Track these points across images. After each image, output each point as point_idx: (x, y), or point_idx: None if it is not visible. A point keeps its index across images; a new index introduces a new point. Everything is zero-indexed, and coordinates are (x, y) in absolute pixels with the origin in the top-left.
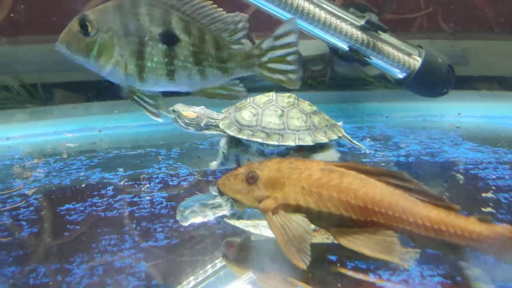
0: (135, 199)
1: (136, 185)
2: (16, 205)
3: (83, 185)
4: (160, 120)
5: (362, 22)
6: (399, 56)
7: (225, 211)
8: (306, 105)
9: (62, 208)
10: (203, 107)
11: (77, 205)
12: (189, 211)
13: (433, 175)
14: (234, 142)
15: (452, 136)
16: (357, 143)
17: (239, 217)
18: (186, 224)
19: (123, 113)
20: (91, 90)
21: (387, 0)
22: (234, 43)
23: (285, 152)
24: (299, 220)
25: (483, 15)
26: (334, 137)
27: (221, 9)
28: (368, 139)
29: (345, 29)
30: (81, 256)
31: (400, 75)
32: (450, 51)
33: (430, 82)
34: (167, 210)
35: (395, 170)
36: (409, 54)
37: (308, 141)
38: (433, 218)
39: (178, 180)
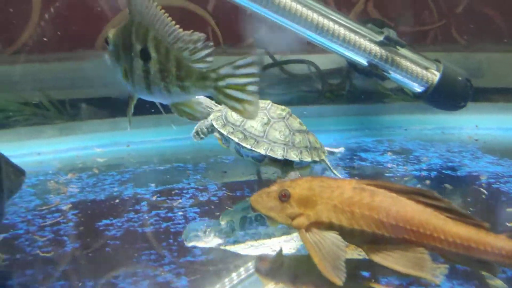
0: (169, 214)
1: (168, 200)
2: (56, 220)
3: (117, 201)
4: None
5: (380, 37)
6: (417, 70)
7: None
8: (296, 123)
9: (100, 223)
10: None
11: (114, 221)
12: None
13: (456, 189)
14: (220, 135)
15: (471, 149)
16: (336, 172)
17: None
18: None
19: (149, 128)
20: (117, 105)
21: (404, 15)
22: (197, 62)
23: (261, 159)
24: (332, 238)
25: (496, 27)
26: (307, 159)
27: (181, 29)
28: (389, 153)
29: (364, 45)
30: (125, 271)
31: (418, 89)
32: (464, 63)
33: (448, 95)
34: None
35: (417, 185)
36: (427, 68)
37: (278, 154)
38: (463, 235)
39: (208, 196)
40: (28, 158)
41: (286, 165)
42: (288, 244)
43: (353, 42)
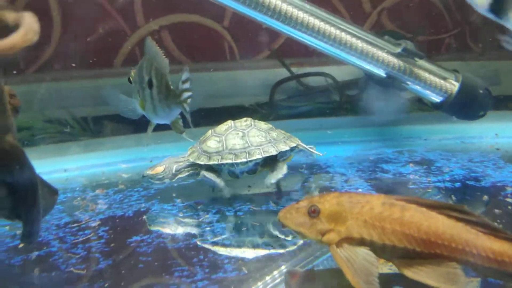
0: (197, 230)
1: (195, 216)
2: (87, 237)
3: (145, 217)
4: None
5: (398, 49)
6: (436, 81)
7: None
8: (263, 124)
9: (131, 240)
10: (169, 156)
11: (144, 237)
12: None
13: (482, 201)
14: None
15: (493, 159)
16: (312, 150)
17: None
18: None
19: (170, 143)
20: (139, 122)
21: (420, 26)
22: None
23: (254, 168)
24: (364, 253)
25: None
26: (293, 145)
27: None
28: (411, 164)
29: (382, 57)
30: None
31: (437, 99)
32: (481, 72)
33: (468, 105)
34: (229, 241)
35: (438, 196)
36: (445, 79)
37: (272, 151)
38: (496, 250)
39: (234, 210)
40: (54, 174)
41: (275, 162)
42: (318, 259)
43: (371, 54)
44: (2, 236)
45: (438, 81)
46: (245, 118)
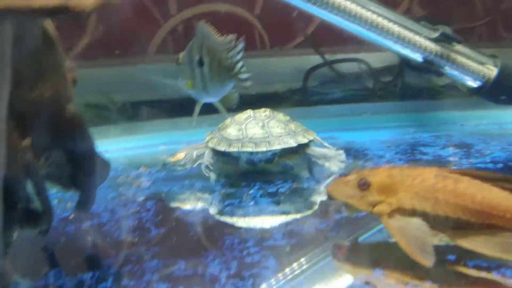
0: (242, 203)
1: (239, 192)
2: (136, 209)
3: (190, 192)
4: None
5: (435, 34)
6: (473, 66)
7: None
8: (281, 116)
9: (179, 212)
10: (184, 145)
11: (191, 209)
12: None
13: None
14: (223, 160)
15: None
16: (327, 145)
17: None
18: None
19: (205, 128)
20: (175, 106)
21: (449, 12)
22: (229, 59)
23: (272, 158)
24: (416, 223)
25: None
26: (311, 138)
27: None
28: (451, 148)
29: (419, 42)
30: (213, 253)
31: (475, 85)
32: None
33: (507, 90)
34: (276, 213)
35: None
36: (483, 64)
37: (291, 143)
38: None
39: (276, 187)
40: None
41: (295, 152)
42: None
43: (408, 39)
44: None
45: (475, 66)
46: (264, 109)
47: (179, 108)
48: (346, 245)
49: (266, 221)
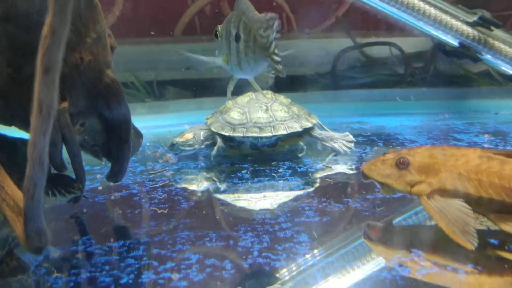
0: (272, 182)
1: (267, 170)
2: (165, 183)
3: (219, 168)
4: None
5: (473, 17)
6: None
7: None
8: (283, 98)
9: (207, 186)
10: (187, 127)
11: (219, 185)
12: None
13: None
14: (227, 144)
15: None
16: (326, 128)
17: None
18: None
19: None
20: (199, 87)
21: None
22: (264, 37)
23: (275, 142)
24: (458, 204)
25: None
26: (314, 121)
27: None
28: (486, 135)
29: (456, 25)
30: (244, 226)
31: None
32: None
33: None
34: (310, 192)
35: None
36: None
37: (296, 127)
38: None
39: (306, 168)
40: None
41: (299, 136)
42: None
43: (444, 22)
44: None
45: None
46: (265, 91)
47: (202, 88)
48: (379, 225)
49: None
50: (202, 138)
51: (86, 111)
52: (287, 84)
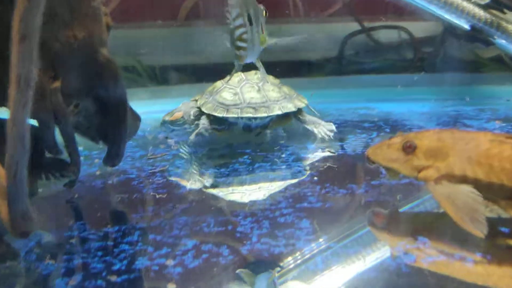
0: (273, 167)
1: (269, 155)
2: (164, 167)
3: (219, 153)
4: None
5: (485, 0)
6: None
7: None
8: (271, 79)
9: (208, 171)
10: (183, 102)
11: (221, 170)
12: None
13: None
14: (218, 126)
15: None
16: (314, 110)
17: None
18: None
19: None
20: (202, 71)
21: None
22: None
23: (268, 124)
24: (467, 190)
25: None
26: (306, 102)
27: None
28: (497, 122)
29: (467, 8)
30: (243, 212)
31: None
32: None
33: None
34: (312, 178)
35: None
36: None
37: (291, 107)
38: None
39: (308, 153)
40: None
41: (288, 117)
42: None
43: (455, 4)
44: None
45: None
46: (254, 71)
47: (206, 72)
48: (384, 212)
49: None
50: (192, 117)
51: (80, 92)
52: (291, 69)
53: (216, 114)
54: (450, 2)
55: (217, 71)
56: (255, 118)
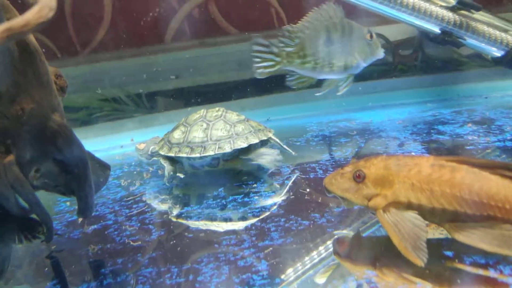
0: (245, 199)
1: (244, 186)
2: (141, 209)
3: (196, 188)
4: None
5: (452, 2)
6: (495, 34)
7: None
8: (234, 116)
9: (182, 211)
10: (157, 136)
11: (195, 207)
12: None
13: None
14: (172, 161)
15: None
16: (286, 147)
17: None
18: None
19: None
20: (189, 96)
21: None
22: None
23: (215, 163)
24: (411, 217)
25: None
26: (255, 140)
27: None
28: (469, 124)
29: (436, 12)
30: (207, 256)
31: (498, 54)
32: None
33: None
34: (276, 210)
35: (502, 156)
36: (506, 31)
37: (226, 148)
38: None
39: (282, 179)
40: (112, 151)
41: (243, 154)
42: (365, 226)
43: (423, 10)
44: (63, 211)
45: (498, 34)
46: (217, 108)
47: (192, 97)
48: (347, 239)
49: None
50: (149, 153)
51: (37, 158)
52: (274, 83)
53: (161, 152)
54: (418, 7)
55: (205, 93)
56: (193, 158)
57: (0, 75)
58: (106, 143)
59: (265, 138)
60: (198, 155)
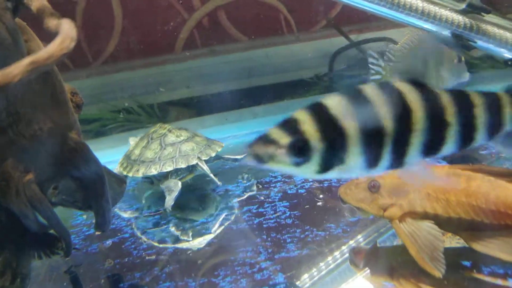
0: (260, 209)
1: (258, 196)
2: (157, 221)
3: (210, 199)
4: None
5: (462, 5)
6: (507, 36)
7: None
8: (173, 136)
9: (197, 223)
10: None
11: (209, 219)
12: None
13: None
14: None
15: None
16: (213, 176)
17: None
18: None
19: (233, 123)
20: (201, 105)
21: None
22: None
23: (148, 181)
24: (428, 227)
25: None
26: (168, 169)
27: None
28: None
29: (446, 15)
30: (224, 270)
31: (510, 56)
32: None
33: None
34: (291, 220)
35: None
36: None
37: (140, 173)
38: None
39: (296, 188)
40: None
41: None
42: (383, 236)
43: (432, 14)
44: (80, 225)
45: (509, 36)
46: (165, 126)
47: (204, 106)
48: (364, 249)
49: None
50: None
51: (55, 176)
52: (285, 90)
53: (121, 168)
54: (428, 11)
55: (215, 102)
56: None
57: (20, 98)
58: (119, 154)
59: (183, 166)
60: (125, 173)
